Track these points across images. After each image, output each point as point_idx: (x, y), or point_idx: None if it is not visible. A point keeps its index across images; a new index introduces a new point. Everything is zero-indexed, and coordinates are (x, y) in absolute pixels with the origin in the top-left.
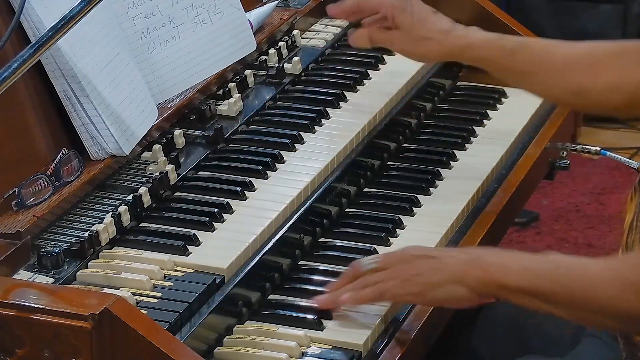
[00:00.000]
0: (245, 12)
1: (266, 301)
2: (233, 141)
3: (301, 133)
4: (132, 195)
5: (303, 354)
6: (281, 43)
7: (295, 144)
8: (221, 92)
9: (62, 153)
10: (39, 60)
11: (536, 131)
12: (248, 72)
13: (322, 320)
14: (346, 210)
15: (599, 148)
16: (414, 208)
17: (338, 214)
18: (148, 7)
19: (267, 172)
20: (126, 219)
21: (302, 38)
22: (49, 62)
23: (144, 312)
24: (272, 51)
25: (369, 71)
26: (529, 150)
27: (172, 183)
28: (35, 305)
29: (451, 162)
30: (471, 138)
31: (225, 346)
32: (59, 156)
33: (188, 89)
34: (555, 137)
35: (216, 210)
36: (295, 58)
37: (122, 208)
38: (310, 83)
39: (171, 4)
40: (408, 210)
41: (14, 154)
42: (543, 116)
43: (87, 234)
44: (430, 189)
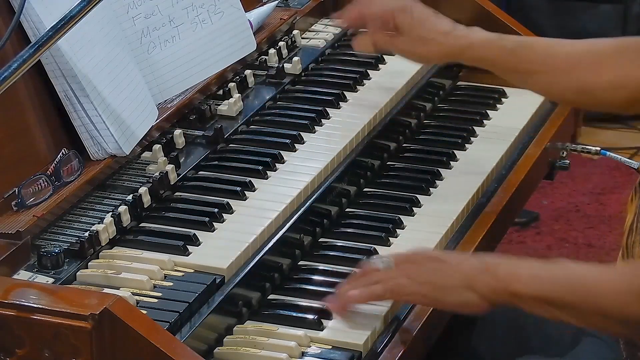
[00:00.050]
0: (245, 12)
1: (266, 301)
2: (233, 141)
3: (301, 133)
4: (132, 195)
5: (303, 354)
6: (281, 43)
7: (295, 144)
8: (221, 92)
9: (62, 153)
10: (39, 60)
11: (536, 131)
12: (248, 72)
13: (322, 320)
14: (346, 210)
15: (599, 148)
16: (414, 208)
17: (338, 214)
18: (148, 7)
19: (267, 172)
20: (126, 219)
21: (302, 38)
22: (49, 62)
23: (144, 312)
24: (272, 51)
25: (369, 71)
26: (529, 150)
27: (172, 183)
28: (35, 305)
29: (451, 162)
30: (471, 138)
31: (225, 346)
32: (59, 156)
33: (188, 89)
34: (555, 137)
35: (216, 210)
36: (295, 58)
37: (122, 208)
38: (310, 83)
39: (171, 4)
40: (408, 210)
41: (14, 154)
42: (543, 116)
43: (87, 234)
44: (430, 189)
